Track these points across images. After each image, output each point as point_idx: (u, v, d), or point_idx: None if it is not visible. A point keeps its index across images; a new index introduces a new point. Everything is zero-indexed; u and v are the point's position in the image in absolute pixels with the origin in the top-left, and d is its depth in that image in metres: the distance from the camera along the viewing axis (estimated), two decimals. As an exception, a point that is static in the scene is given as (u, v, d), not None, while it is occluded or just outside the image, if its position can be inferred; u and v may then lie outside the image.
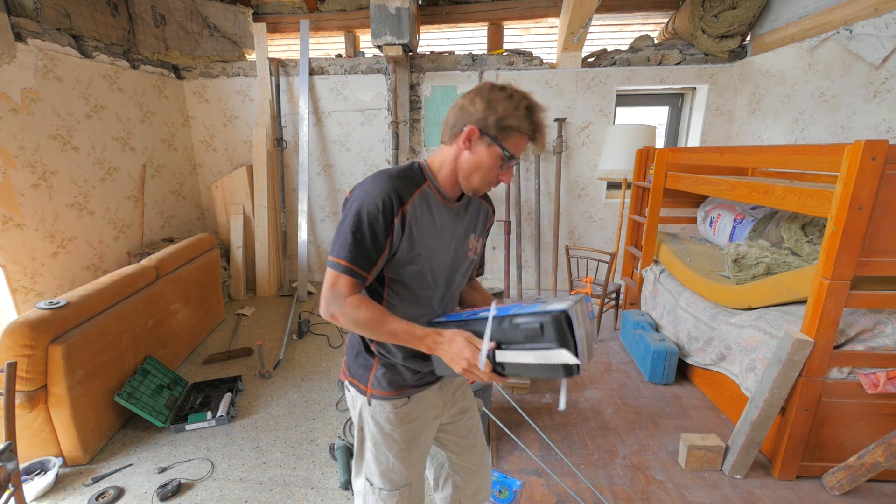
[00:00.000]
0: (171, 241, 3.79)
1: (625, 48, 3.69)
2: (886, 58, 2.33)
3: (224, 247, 4.06)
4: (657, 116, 4.07)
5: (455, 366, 0.85)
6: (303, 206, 4.09)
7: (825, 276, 1.59)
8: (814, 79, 2.79)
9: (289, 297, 4.04)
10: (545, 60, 3.76)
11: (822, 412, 1.76)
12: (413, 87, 3.89)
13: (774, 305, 2.06)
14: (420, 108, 3.93)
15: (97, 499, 1.77)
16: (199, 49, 3.91)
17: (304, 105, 3.95)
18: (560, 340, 0.77)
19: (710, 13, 3.29)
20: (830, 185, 1.78)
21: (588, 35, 3.57)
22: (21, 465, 1.76)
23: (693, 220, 3.18)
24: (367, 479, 1.08)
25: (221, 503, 1.78)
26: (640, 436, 2.14)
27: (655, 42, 3.71)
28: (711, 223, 2.86)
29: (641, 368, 2.71)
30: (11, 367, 1.45)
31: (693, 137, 3.86)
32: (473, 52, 3.82)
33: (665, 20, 3.82)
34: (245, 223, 4.03)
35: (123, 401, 2.09)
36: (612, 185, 4.04)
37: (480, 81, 3.73)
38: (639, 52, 3.64)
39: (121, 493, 1.82)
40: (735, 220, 2.62)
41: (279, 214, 4.24)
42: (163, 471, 1.94)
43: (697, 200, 3.12)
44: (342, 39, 4.18)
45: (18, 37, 2.67)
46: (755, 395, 1.80)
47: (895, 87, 2.31)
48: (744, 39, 3.45)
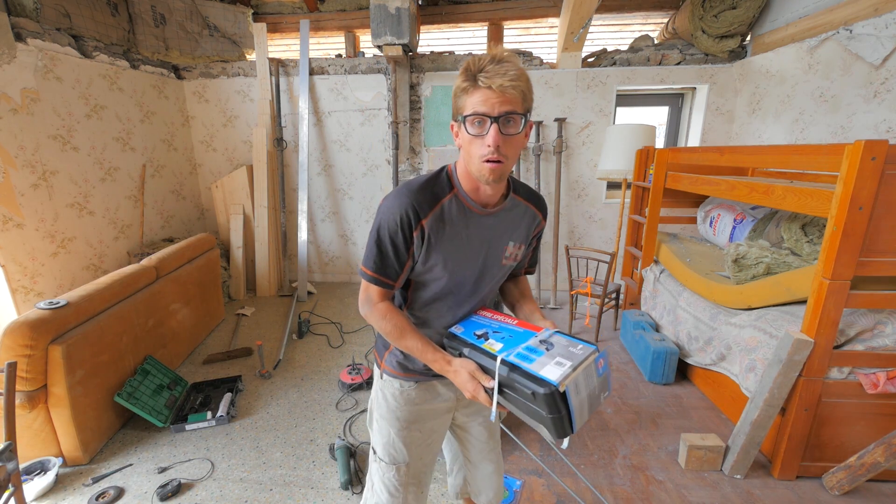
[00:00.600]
0: (171, 241, 3.79)
1: (625, 48, 3.69)
2: (886, 58, 2.33)
3: (224, 247, 4.06)
4: (657, 116, 4.07)
5: (463, 391, 0.92)
6: (303, 206, 4.09)
7: (825, 276, 1.59)
8: (814, 79, 2.79)
9: (289, 297, 4.04)
10: (545, 60, 3.76)
11: (822, 412, 1.76)
12: (413, 87, 3.89)
13: (774, 305, 2.06)
14: (420, 108, 3.93)
15: (97, 499, 1.77)
16: (199, 49, 3.91)
17: (304, 105, 3.95)
18: (550, 411, 0.75)
19: (710, 13, 3.29)
20: (830, 186, 1.78)
21: (588, 35, 3.57)
22: (21, 465, 1.76)
23: (693, 220, 3.18)
24: (372, 447, 1.18)
25: (221, 503, 1.78)
26: (640, 436, 2.14)
27: (655, 42, 3.71)
28: (711, 223, 2.86)
29: (641, 368, 2.71)
30: (11, 367, 1.45)
31: (693, 137, 3.86)
32: (473, 52, 3.82)
33: (665, 20, 3.82)
34: (245, 223, 4.03)
35: (123, 401, 2.09)
36: (612, 185, 4.04)
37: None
38: (639, 52, 3.64)
39: (121, 493, 1.82)
40: (735, 220, 2.62)
41: (279, 214, 4.24)
42: (163, 471, 1.94)
43: (697, 200, 3.12)
44: (342, 39, 4.18)
45: (18, 37, 2.67)
46: (755, 395, 1.80)
47: (895, 87, 2.31)
48: (744, 39, 3.45)
